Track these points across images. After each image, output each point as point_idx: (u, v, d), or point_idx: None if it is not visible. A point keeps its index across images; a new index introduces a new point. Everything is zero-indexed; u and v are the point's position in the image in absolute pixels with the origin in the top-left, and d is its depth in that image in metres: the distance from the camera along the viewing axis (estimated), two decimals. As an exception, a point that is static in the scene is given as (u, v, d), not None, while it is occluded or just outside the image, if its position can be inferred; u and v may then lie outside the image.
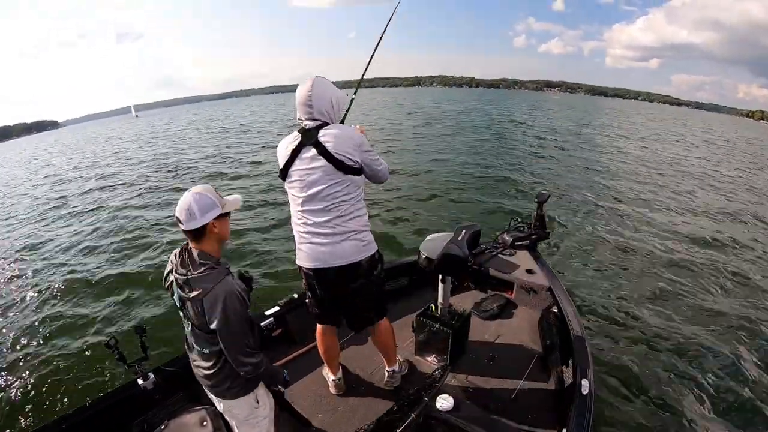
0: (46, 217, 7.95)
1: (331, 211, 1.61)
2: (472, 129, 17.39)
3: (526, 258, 2.89)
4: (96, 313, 3.95)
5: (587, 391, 1.71)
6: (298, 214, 1.67)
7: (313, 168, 1.58)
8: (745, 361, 3.18)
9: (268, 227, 6.07)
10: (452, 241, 2.02)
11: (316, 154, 1.57)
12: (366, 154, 1.62)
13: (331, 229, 1.62)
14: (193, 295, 1.20)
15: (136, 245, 5.70)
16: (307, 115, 1.61)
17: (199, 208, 1.19)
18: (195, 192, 1.22)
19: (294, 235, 1.73)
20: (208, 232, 1.23)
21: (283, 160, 1.65)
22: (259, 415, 1.46)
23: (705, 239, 5.89)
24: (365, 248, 1.69)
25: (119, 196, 8.82)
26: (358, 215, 1.67)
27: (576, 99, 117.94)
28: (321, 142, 1.56)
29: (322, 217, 1.61)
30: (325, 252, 1.64)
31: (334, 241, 1.63)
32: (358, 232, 1.67)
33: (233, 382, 1.35)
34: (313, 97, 1.58)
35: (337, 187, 1.59)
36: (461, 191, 7.70)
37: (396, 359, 2.12)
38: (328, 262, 1.65)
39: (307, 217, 1.64)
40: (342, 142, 1.56)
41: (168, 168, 11.57)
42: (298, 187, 1.63)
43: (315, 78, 1.60)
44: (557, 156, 11.81)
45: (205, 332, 1.25)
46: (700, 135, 24.03)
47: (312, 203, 1.62)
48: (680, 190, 8.81)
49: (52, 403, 2.79)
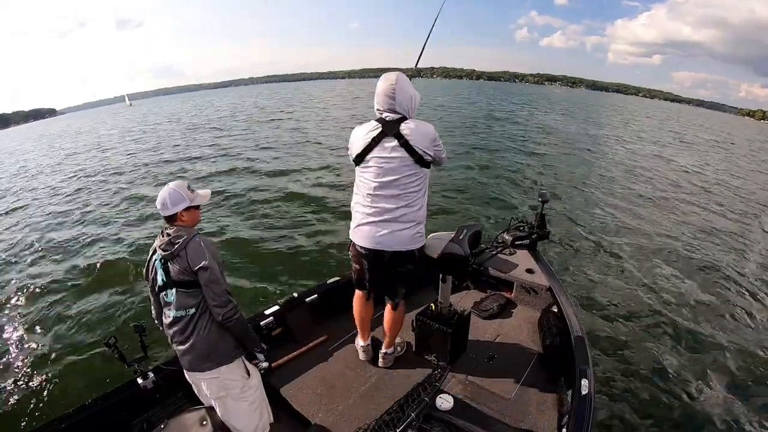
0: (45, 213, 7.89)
1: (401, 199, 1.75)
2: (471, 127, 17.24)
3: (526, 258, 2.88)
4: (96, 313, 3.93)
5: (587, 391, 1.71)
6: (368, 198, 1.79)
7: (392, 157, 1.71)
8: (746, 361, 3.20)
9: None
10: (453, 240, 2.01)
11: (397, 145, 1.70)
12: (437, 148, 1.76)
13: (398, 215, 1.76)
14: (176, 246, 1.45)
15: (135, 246, 5.64)
16: (389, 106, 1.73)
17: (171, 201, 1.50)
18: (170, 187, 1.52)
19: (354, 214, 1.88)
20: (178, 219, 1.53)
21: (362, 146, 1.76)
22: (251, 385, 1.61)
23: (706, 239, 5.90)
24: (420, 239, 1.85)
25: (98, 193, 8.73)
26: (423, 206, 1.82)
27: (577, 93, 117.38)
28: (403, 134, 1.69)
29: (393, 204, 1.75)
30: (386, 236, 1.78)
31: (396, 228, 1.77)
32: (418, 223, 1.82)
33: (221, 344, 1.51)
34: (397, 91, 1.71)
35: (411, 178, 1.73)
36: (461, 191, 7.67)
37: (394, 343, 2.23)
38: (388, 246, 1.80)
39: (378, 201, 1.77)
40: (421, 137, 1.70)
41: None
42: (373, 173, 1.75)
43: (399, 74, 1.74)
44: (557, 156, 11.75)
45: (188, 279, 1.45)
46: (700, 135, 23.95)
47: (386, 189, 1.75)
48: (681, 190, 8.82)
49: (51, 403, 2.80)
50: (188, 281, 1.46)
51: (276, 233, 5.71)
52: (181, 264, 1.46)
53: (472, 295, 2.91)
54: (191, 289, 1.47)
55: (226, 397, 1.56)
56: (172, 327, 1.53)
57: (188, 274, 1.46)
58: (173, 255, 1.46)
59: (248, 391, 1.60)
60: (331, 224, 5.91)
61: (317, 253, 4.98)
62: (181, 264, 1.46)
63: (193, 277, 1.45)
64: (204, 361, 1.50)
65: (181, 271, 1.46)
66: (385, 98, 1.72)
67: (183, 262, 1.46)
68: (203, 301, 1.48)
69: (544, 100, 43.43)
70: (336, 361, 2.28)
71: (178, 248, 1.46)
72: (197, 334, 1.49)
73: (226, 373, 1.53)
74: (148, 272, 1.57)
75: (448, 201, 7.06)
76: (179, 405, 1.87)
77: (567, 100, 52.51)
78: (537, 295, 2.69)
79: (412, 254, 1.85)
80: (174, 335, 1.53)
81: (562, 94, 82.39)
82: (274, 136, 15.05)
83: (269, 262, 4.83)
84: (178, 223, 1.53)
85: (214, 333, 1.50)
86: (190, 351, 1.50)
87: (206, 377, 1.53)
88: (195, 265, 1.44)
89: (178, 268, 1.47)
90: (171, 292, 1.50)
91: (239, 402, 1.58)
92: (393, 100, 1.71)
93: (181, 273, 1.46)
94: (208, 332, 1.50)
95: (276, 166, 9.79)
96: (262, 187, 8.14)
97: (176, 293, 1.49)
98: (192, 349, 1.50)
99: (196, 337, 1.49)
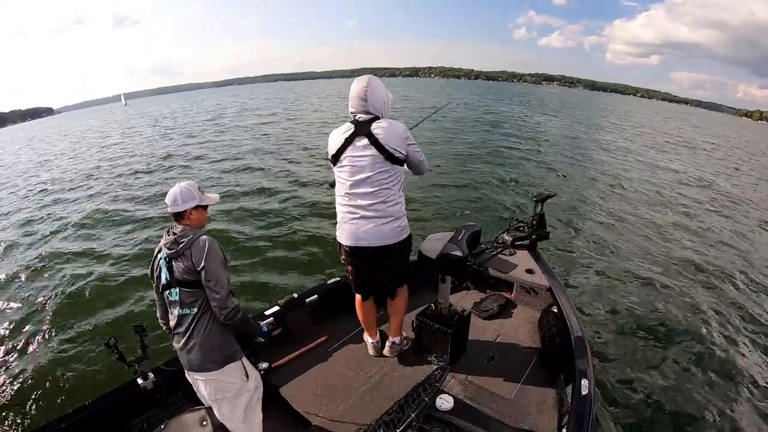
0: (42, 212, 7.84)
1: (376, 196, 1.80)
2: (470, 125, 17.26)
3: (525, 258, 2.89)
4: (96, 312, 3.91)
5: (587, 391, 1.71)
6: (346, 197, 1.86)
7: (364, 155, 1.78)
8: (746, 361, 3.21)
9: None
10: (452, 240, 2.02)
11: (368, 144, 1.76)
12: (410, 147, 1.83)
13: (375, 212, 1.82)
14: (182, 245, 1.47)
15: (135, 245, 5.63)
16: (362, 108, 1.80)
17: (182, 198, 1.53)
18: (182, 185, 1.55)
19: (337, 214, 1.93)
20: (186, 217, 1.55)
21: (336, 147, 1.84)
22: (249, 389, 1.62)
23: (707, 239, 5.92)
24: (401, 232, 1.90)
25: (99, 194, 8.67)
26: (399, 202, 1.88)
27: (574, 93, 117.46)
28: (373, 133, 1.75)
29: (368, 201, 1.81)
30: (368, 232, 1.84)
31: (376, 223, 1.83)
32: (397, 218, 1.87)
33: (222, 345, 1.53)
34: (369, 93, 1.78)
35: (384, 174, 1.79)
36: (461, 191, 7.67)
37: (401, 332, 2.29)
38: (369, 242, 1.85)
39: (354, 199, 1.83)
40: (391, 135, 1.77)
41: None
42: (348, 172, 1.82)
43: (371, 77, 1.82)
44: (557, 155, 11.76)
45: (192, 278, 1.46)
46: (699, 136, 24.01)
47: (360, 187, 1.81)
48: (682, 190, 8.85)
49: (51, 403, 2.79)
50: (191, 281, 1.47)
51: (276, 234, 5.70)
52: (185, 263, 1.47)
53: (472, 295, 2.91)
54: (194, 288, 1.48)
55: (222, 399, 1.56)
56: (175, 326, 1.54)
57: (192, 273, 1.47)
58: (178, 254, 1.47)
59: (245, 394, 1.60)
60: (331, 224, 5.89)
61: (317, 253, 4.97)
62: (185, 263, 1.47)
63: (197, 277, 1.46)
64: (204, 362, 1.50)
65: (185, 271, 1.47)
66: (358, 100, 1.80)
67: (187, 261, 1.47)
68: (206, 300, 1.49)
69: (536, 101, 43.26)
70: (336, 362, 2.29)
71: (182, 247, 1.47)
72: (199, 334, 1.50)
73: (224, 375, 1.54)
74: (152, 270, 1.58)
75: (448, 201, 7.06)
76: (179, 405, 1.86)
77: (559, 99, 52.45)
78: (537, 296, 2.69)
79: (393, 248, 1.89)
80: (176, 334, 1.54)
81: (558, 94, 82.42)
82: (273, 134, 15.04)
83: (269, 263, 4.82)
84: (185, 221, 1.55)
85: (215, 333, 1.51)
86: (191, 350, 1.50)
87: (205, 378, 1.53)
88: (199, 264, 1.45)
89: (182, 267, 1.48)
90: (174, 291, 1.51)
91: (235, 405, 1.58)
92: (365, 102, 1.79)
93: (185, 272, 1.47)
94: (209, 332, 1.50)
95: (275, 166, 9.78)
96: (262, 187, 8.12)
97: (179, 292, 1.50)
98: (193, 348, 1.50)
99: (198, 336, 1.50)
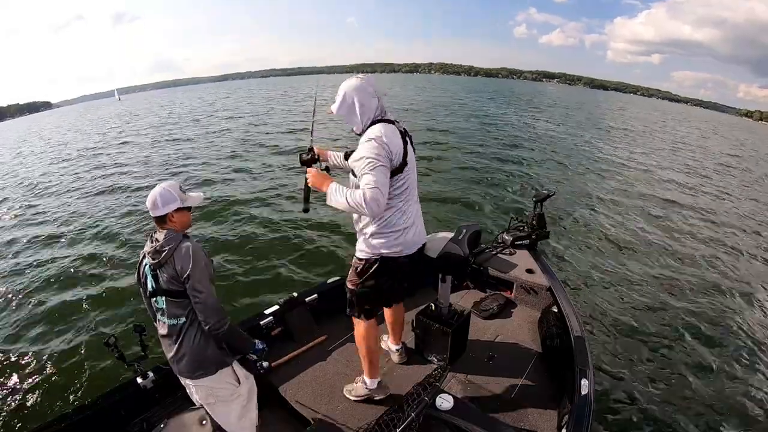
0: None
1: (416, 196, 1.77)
2: (468, 124, 17.19)
3: (525, 257, 2.89)
4: (96, 312, 3.89)
5: (587, 391, 1.72)
6: (409, 203, 1.70)
7: (414, 155, 1.67)
8: (747, 362, 3.22)
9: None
10: (453, 240, 2.01)
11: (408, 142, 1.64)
12: None
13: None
14: (164, 255, 1.40)
15: (135, 245, 5.55)
16: (383, 106, 1.63)
17: (162, 201, 1.43)
18: (163, 186, 1.46)
19: (398, 225, 1.67)
20: (168, 221, 1.46)
21: (401, 150, 1.57)
22: (240, 393, 1.59)
23: (707, 239, 5.93)
24: None
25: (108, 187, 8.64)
26: None
27: (573, 91, 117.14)
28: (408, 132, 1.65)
29: (418, 203, 1.79)
30: (422, 233, 1.83)
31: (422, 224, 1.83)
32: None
33: (210, 354, 1.48)
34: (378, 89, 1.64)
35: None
36: (461, 191, 7.65)
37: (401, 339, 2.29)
38: (423, 241, 1.85)
39: (417, 202, 1.77)
40: None
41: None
42: (412, 177, 1.68)
43: (367, 75, 1.67)
44: (557, 155, 11.73)
45: (177, 288, 1.41)
46: (698, 135, 23.98)
47: (415, 190, 1.73)
48: (682, 190, 8.86)
49: (51, 402, 2.77)
50: (176, 291, 1.42)
51: (275, 233, 5.68)
52: (169, 272, 1.41)
53: (472, 295, 2.92)
54: (180, 298, 1.43)
55: (214, 403, 1.55)
56: (164, 335, 1.51)
57: (177, 283, 1.41)
58: (161, 264, 1.41)
59: (237, 399, 1.58)
60: (329, 224, 5.88)
61: (318, 253, 4.96)
62: (169, 272, 1.41)
63: (182, 287, 1.41)
64: (193, 370, 1.49)
65: (169, 280, 1.42)
66: (382, 99, 1.65)
67: (171, 270, 1.41)
68: (193, 310, 1.44)
69: (536, 98, 43.10)
70: (336, 361, 2.29)
71: (165, 256, 1.40)
72: (187, 343, 1.46)
73: (215, 382, 1.52)
74: (139, 277, 1.53)
75: (447, 201, 7.04)
76: (179, 405, 1.86)
77: (560, 97, 52.32)
78: (537, 295, 2.69)
79: (423, 246, 1.91)
80: (165, 342, 1.51)
81: (556, 91, 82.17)
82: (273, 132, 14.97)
83: (269, 263, 4.79)
84: (167, 225, 1.46)
85: (203, 342, 1.47)
86: (181, 359, 1.48)
87: (195, 384, 1.53)
88: (183, 273, 1.39)
89: (167, 276, 1.42)
90: (161, 299, 1.46)
91: (228, 409, 1.57)
92: (380, 100, 1.65)
93: (170, 281, 1.42)
94: (199, 342, 1.46)
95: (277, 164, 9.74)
96: (261, 187, 8.10)
97: (166, 301, 1.46)
98: (183, 357, 1.47)
99: (186, 345, 1.46)
